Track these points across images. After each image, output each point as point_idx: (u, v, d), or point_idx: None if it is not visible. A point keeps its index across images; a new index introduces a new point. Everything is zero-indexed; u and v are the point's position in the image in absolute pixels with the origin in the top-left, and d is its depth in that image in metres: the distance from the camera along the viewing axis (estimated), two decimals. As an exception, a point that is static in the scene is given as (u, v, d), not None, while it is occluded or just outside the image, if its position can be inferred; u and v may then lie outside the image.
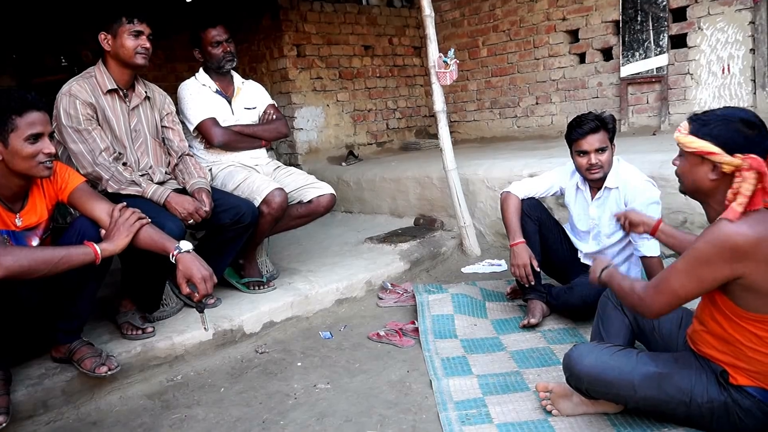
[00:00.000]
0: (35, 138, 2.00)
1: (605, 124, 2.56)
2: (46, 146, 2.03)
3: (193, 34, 3.17)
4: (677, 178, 1.75)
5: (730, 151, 1.54)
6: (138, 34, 2.61)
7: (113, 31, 2.60)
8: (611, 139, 2.59)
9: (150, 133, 2.80)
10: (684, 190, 1.74)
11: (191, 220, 2.61)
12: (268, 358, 2.69)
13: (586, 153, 2.57)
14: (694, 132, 1.62)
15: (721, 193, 1.60)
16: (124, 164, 2.65)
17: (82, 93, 2.57)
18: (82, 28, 4.96)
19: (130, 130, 2.73)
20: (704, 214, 1.75)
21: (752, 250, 1.49)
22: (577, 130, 2.57)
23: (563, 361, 1.89)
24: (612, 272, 1.89)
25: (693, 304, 1.85)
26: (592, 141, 2.54)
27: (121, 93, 2.70)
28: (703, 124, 1.61)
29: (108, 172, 2.55)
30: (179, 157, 2.91)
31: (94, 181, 2.53)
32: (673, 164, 1.75)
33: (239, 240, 2.90)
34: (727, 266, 1.52)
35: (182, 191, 2.77)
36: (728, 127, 1.57)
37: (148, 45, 2.64)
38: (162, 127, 2.90)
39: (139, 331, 2.54)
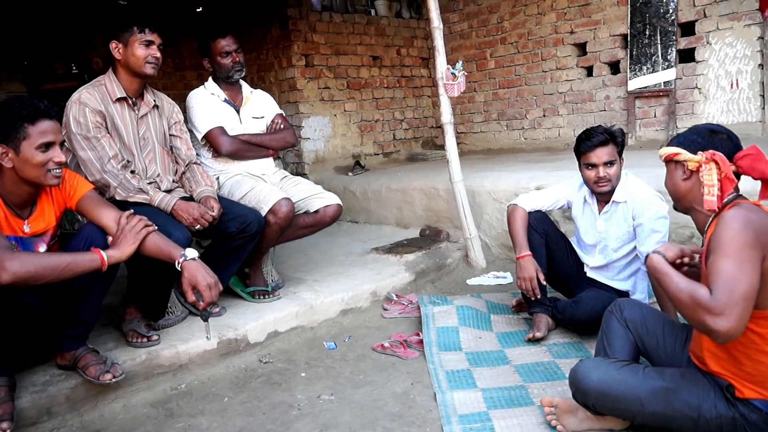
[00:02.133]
0: (46, 147, 2.01)
1: (614, 138, 2.56)
2: (57, 155, 2.04)
3: (203, 44, 3.19)
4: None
5: (693, 151, 1.72)
6: (149, 44, 2.62)
7: (124, 40, 2.61)
8: (620, 153, 2.59)
9: (158, 142, 2.82)
10: (675, 206, 1.86)
11: (198, 226, 2.61)
12: (272, 368, 2.68)
13: (594, 166, 2.56)
14: (668, 144, 1.83)
15: (697, 193, 1.73)
16: (132, 172, 2.66)
17: (92, 101, 2.58)
18: (93, 36, 5.00)
19: (139, 138, 2.74)
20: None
21: (762, 230, 1.53)
22: (586, 143, 2.57)
23: (569, 376, 1.87)
24: (664, 265, 1.71)
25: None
26: (600, 154, 2.54)
27: (130, 101, 2.71)
28: (676, 136, 1.83)
29: (116, 180, 2.56)
30: (186, 166, 2.92)
31: (102, 189, 2.54)
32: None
33: (245, 249, 2.90)
34: (759, 245, 1.51)
35: (189, 199, 2.78)
36: (690, 134, 1.78)
37: (158, 55, 2.66)
38: (170, 135, 2.91)
39: (145, 339, 2.53)
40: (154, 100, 2.82)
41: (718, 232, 1.58)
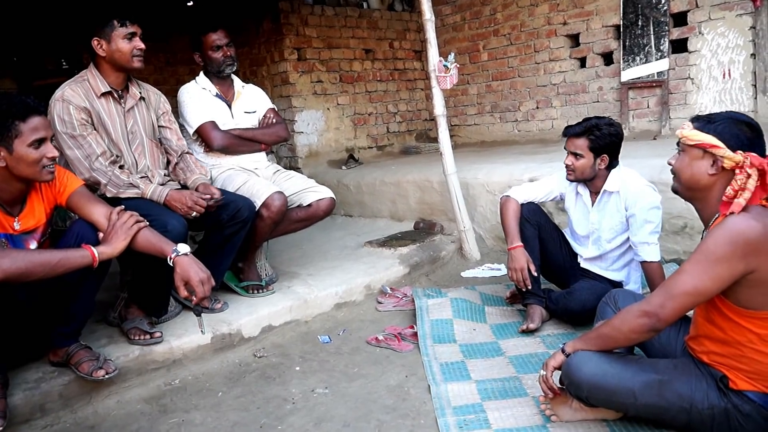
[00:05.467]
0: (39, 143, 2.01)
1: (590, 133, 2.56)
2: (49, 150, 2.05)
3: (194, 38, 3.17)
4: (673, 176, 1.78)
5: (732, 148, 1.61)
6: (132, 36, 2.57)
7: (106, 36, 2.55)
8: (598, 151, 2.57)
9: (147, 134, 2.78)
10: (677, 189, 1.78)
11: (194, 213, 2.59)
12: (266, 363, 2.68)
13: (568, 153, 2.64)
14: (699, 128, 1.68)
15: (716, 190, 1.65)
16: (121, 167, 2.63)
17: (76, 98, 2.53)
18: (83, 30, 4.95)
19: (127, 132, 2.70)
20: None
21: (763, 242, 1.51)
22: (566, 129, 2.65)
23: (562, 369, 1.88)
24: (577, 338, 1.89)
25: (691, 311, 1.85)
26: (570, 144, 2.61)
27: (115, 95, 2.66)
28: (708, 121, 1.68)
29: (105, 177, 2.53)
30: (180, 156, 2.90)
31: (92, 187, 2.51)
32: (669, 164, 1.79)
33: (237, 237, 2.87)
34: (742, 261, 1.53)
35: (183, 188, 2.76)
36: (732, 126, 1.64)
37: (142, 46, 2.61)
38: (159, 127, 2.89)
39: (148, 336, 2.52)
40: (140, 92, 2.77)
41: (710, 233, 1.59)
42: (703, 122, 1.68)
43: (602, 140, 2.55)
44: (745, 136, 1.62)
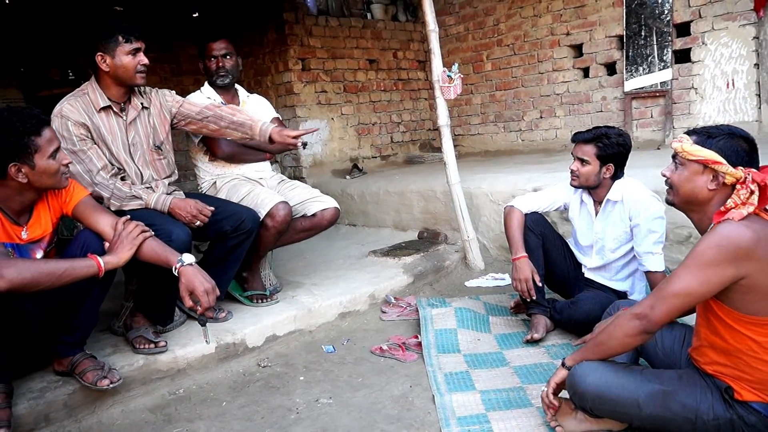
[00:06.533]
0: (55, 153, 2.06)
1: (598, 140, 2.57)
2: (64, 158, 2.11)
3: (200, 47, 3.23)
4: (668, 188, 1.79)
5: (733, 164, 1.62)
6: (136, 52, 2.54)
7: (110, 51, 2.51)
8: (602, 158, 2.57)
9: (149, 145, 2.74)
10: (673, 201, 1.79)
11: (198, 222, 2.60)
12: (270, 372, 2.68)
13: (575, 159, 2.65)
14: (699, 143, 1.68)
15: (714, 203, 1.67)
16: (123, 179, 2.62)
17: (74, 113, 2.50)
18: (87, 44, 5.02)
19: (129, 144, 2.67)
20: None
21: (754, 249, 1.53)
22: (575, 135, 2.66)
23: (567, 380, 1.87)
24: (576, 351, 1.91)
25: (693, 321, 1.85)
26: (578, 149, 2.62)
27: (116, 108, 2.63)
28: (708, 136, 1.67)
29: (107, 191, 2.53)
30: (212, 115, 2.86)
31: (97, 200, 2.51)
32: (663, 175, 1.80)
33: (242, 248, 2.88)
34: (732, 266, 1.54)
35: (187, 196, 2.76)
36: (732, 142, 1.65)
37: (146, 61, 2.59)
38: (178, 111, 2.85)
39: (152, 345, 2.52)
40: (142, 102, 2.73)
41: (701, 240, 1.62)
42: (702, 137, 1.68)
43: (610, 149, 2.56)
44: (744, 152, 1.64)
